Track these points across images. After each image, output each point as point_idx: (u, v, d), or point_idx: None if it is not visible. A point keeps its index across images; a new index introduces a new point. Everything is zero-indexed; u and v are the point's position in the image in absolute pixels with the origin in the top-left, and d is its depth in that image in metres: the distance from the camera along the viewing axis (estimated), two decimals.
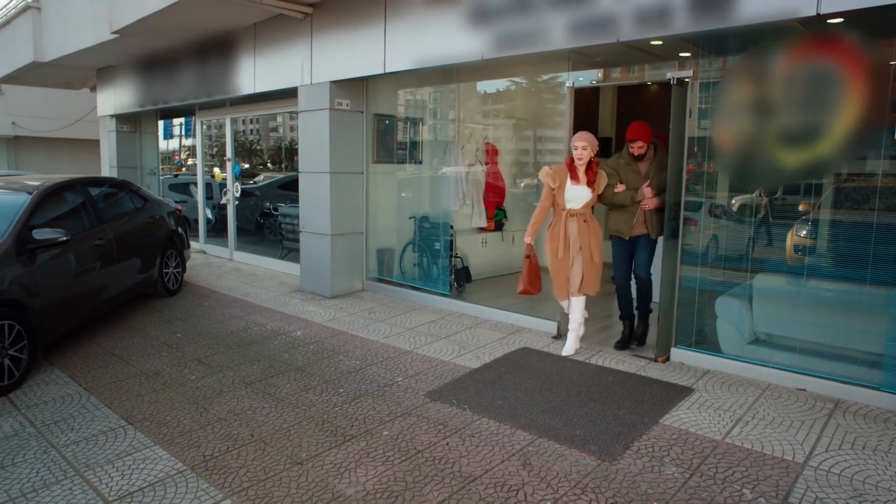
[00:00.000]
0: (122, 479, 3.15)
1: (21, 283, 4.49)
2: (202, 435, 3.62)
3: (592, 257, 4.80)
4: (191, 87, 9.09)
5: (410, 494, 2.96)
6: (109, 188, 6.49)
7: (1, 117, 18.23)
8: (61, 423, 3.81)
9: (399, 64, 5.95)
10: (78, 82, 13.94)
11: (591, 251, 4.79)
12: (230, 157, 9.23)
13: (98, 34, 8.87)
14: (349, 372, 4.58)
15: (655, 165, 4.83)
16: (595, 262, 4.82)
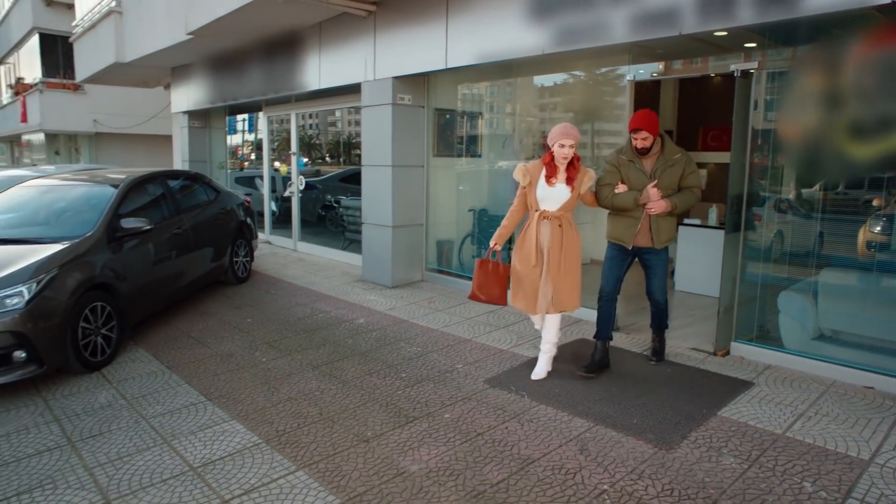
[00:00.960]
0: (204, 449, 3.41)
1: (111, 268, 4.86)
2: (274, 412, 3.86)
3: (568, 269, 4.12)
4: (259, 85, 9.47)
5: (471, 473, 3.10)
6: (185, 181, 6.87)
7: (84, 115, 19.35)
8: (148, 397, 4.13)
9: (460, 59, 6.07)
10: (153, 81, 14.67)
11: (566, 262, 4.11)
12: (295, 152, 9.58)
13: (174, 35, 9.36)
14: (410, 358, 4.75)
15: (663, 162, 4.19)
16: (571, 274, 4.15)
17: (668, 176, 4.17)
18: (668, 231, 4.28)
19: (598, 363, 4.37)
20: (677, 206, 4.16)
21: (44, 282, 4.25)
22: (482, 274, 4.34)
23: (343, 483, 3.03)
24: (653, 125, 4.08)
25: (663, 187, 4.15)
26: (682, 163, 4.19)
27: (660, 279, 4.35)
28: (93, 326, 4.62)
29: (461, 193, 7.47)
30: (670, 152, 4.20)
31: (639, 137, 4.12)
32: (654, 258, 4.30)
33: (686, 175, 4.21)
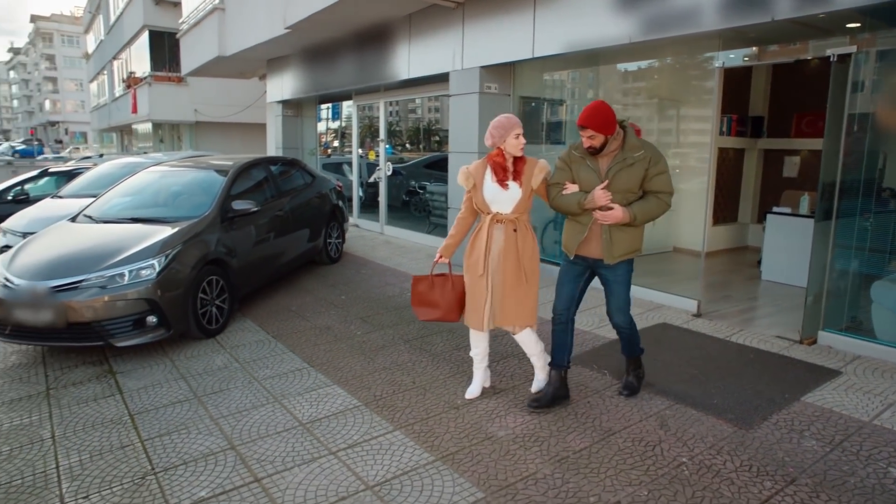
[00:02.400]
0: (310, 408, 3.80)
1: (224, 245, 5.37)
2: (371, 379, 4.21)
3: (521, 279, 3.58)
4: (350, 75, 9.92)
5: (555, 440, 3.32)
6: (284, 166, 7.37)
7: (186, 106, 20.71)
8: (258, 362, 4.59)
9: (547, 49, 6.21)
10: (250, 72, 15.55)
11: (521, 270, 3.57)
12: (383, 139, 9.99)
13: (272, 30, 9.94)
14: (496, 336, 4.99)
15: (620, 161, 3.43)
16: (524, 285, 3.59)
17: (624, 177, 3.42)
18: (626, 243, 3.51)
19: (550, 397, 3.70)
20: (636, 217, 3.43)
21: (171, 256, 4.79)
22: (419, 290, 3.80)
23: (436, 443, 3.33)
24: (601, 122, 3.36)
25: (618, 191, 3.42)
26: (643, 162, 3.41)
27: (618, 298, 3.65)
28: (209, 297, 5.14)
29: None
30: (630, 149, 3.44)
31: (584, 135, 3.44)
32: (610, 273, 3.60)
33: (651, 177, 3.44)
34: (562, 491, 2.87)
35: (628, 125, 3.54)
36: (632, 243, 3.56)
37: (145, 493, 2.97)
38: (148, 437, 3.51)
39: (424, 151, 10.00)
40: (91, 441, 3.50)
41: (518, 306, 3.62)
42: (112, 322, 4.51)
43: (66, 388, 4.27)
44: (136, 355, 4.79)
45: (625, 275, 3.63)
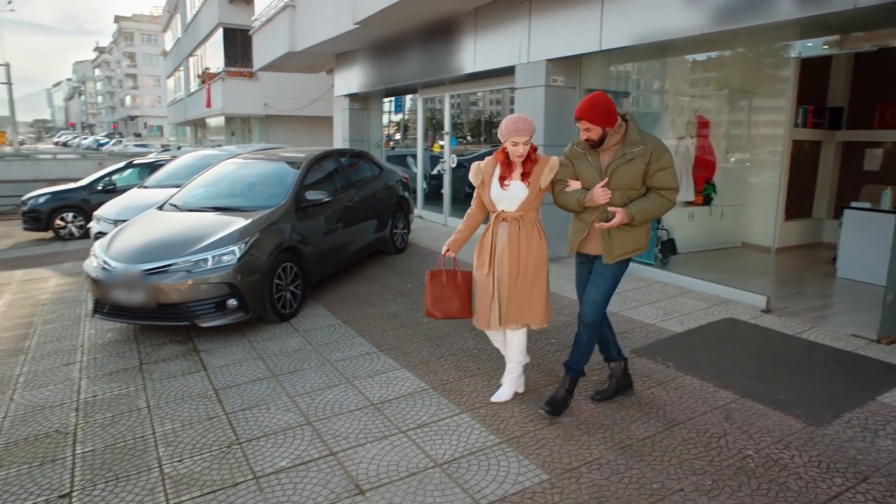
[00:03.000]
0: (381, 390, 3.99)
1: (298, 233, 5.64)
2: (438, 364, 4.36)
3: (527, 277, 3.53)
4: (416, 69, 10.10)
5: (618, 428, 3.38)
6: (353, 158, 7.62)
7: (256, 100, 21.48)
8: (330, 345, 4.82)
9: (615, 41, 6.18)
10: (318, 67, 15.99)
11: (524, 268, 3.52)
12: (447, 131, 10.13)
13: (341, 25, 10.22)
14: (559, 327, 5.06)
15: (619, 156, 3.29)
16: (528, 283, 3.54)
17: (623, 174, 3.28)
18: (626, 243, 3.37)
19: (614, 389, 3.73)
20: (635, 218, 3.28)
21: (249, 243, 5.07)
22: (435, 287, 3.72)
23: (502, 426, 3.45)
24: (597, 113, 3.21)
25: (617, 188, 3.29)
26: (643, 157, 3.26)
27: (596, 289, 3.46)
28: (283, 283, 5.41)
29: None
30: (630, 144, 3.28)
31: (581, 128, 3.31)
32: (601, 267, 3.46)
33: (652, 172, 3.29)
34: (625, 476, 2.93)
35: (630, 118, 3.37)
36: (633, 243, 3.40)
37: (231, 460, 3.21)
38: (231, 410, 3.78)
39: (485, 144, 10.08)
40: (181, 412, 3.79)
41: (529, 303, 3.56)
42: (197, 304, 4.84)
43: (157, 363, 4.61)
44: (218, 335, 5.11)
45: (615, 272, 3.45)
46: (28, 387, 4.31)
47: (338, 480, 2.99)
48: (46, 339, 5.33)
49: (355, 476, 3.01)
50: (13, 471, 3.22)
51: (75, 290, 7.12)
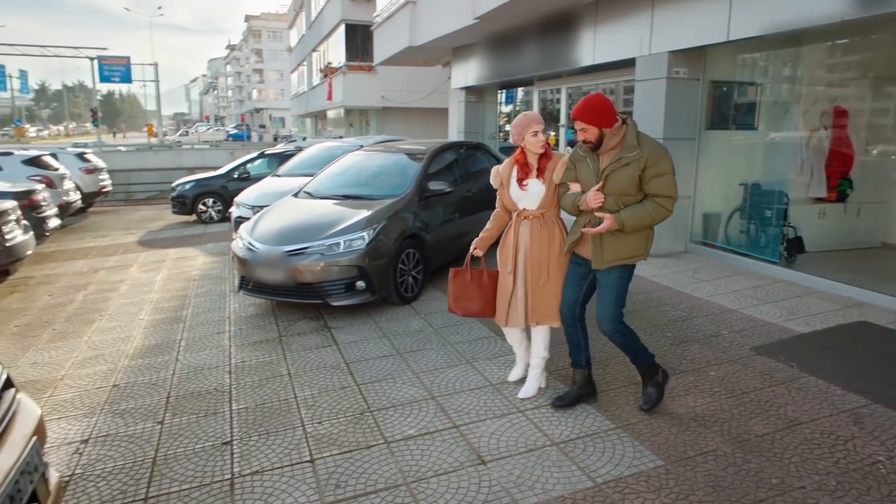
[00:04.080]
0: (499, 372, 4.20)
1: (421, 221, 5.97)
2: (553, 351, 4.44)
3: (549, 274, 3.56)
4: (533, 62, 10.19)
5: (736, 423, 3.39)
6: (470, 150, 7.86)
7: (374, 92, 22.36)
8: (450, 328, 5.10)
9: (744, 30, 5.98)
10: (434, 60, 16.42)
11: (544, 266, 3.55)
12: (563, 124, 10.15)
13: (461, 21, 10.49)
14: (675, 321, 5.05)
15: (615, 161, 3.21)
16: (552, 280, 3.57)
17: (618, 179, 3.20)
18: (618, 249, 3.28)
19: (573, 396, 3.68)
20: (625, 224, 3.19)
21: (377, 230, 5.45)
22: (458, 285, 3.83)
23: (617, 413, 3.56)
24: (592, 114, 3.16)
25: (611, 193, 3.22)
26: (638, 162, 3.17)
27: (604, 304, 3.39)
28: (406, 268, 5.76)
29: (733, 166, 7.32)
30: (627, 148, 3.19)
31: (577, 128, 3.27)
32: (602, 276, 3.38)
33: (648, 178, 3.20)
34: (742, 469, 2.96)
35: (630, 121, 3.27)
36: (626, 249, 3.30)
37: (364, 425, 3.55)
38: (362, 382, 4.14)
39: None
40: (318, 380, 4.20)
41: (546, 302, 3.60)
42: (329, 284, 5.28)
43: (294, 336, 5.10)
44: (346, 314, 5.54)
45: (617, 280, 3.36)
46: (188, 350, 4.93)
47: (461, 450, 3.24)
48: (199, 311, 6.01)
49: (477, 448, 3.25)
50: (184, 419, 3.75)
51: (219, 268, 7.91)
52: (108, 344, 5.21)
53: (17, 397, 2.20)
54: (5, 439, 1.96)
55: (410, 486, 2.95)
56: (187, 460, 3.29)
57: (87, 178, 14.65)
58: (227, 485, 3.05)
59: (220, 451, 3.36)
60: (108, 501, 2.97)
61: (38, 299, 6.91)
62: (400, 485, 2.96)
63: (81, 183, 14.12)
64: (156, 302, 6.45)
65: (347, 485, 2.98)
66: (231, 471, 3.16)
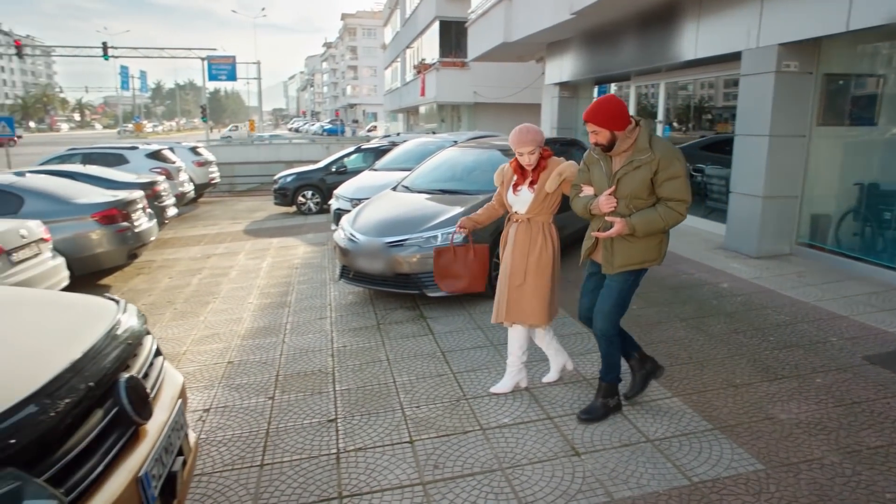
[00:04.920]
0: (592, 367, 4.23)
1: None
2: (649, 350, 4.43)
3: (522, 276, 3.63)
4: (631, 57, 9.98)
5: (845, 433, 3.26)
6: (564, 146, 7.84)
7: (466, 88, 22.56)
8: None
9: (867, 19, 5.61)
10: (528, 56, 16.37)
11: (521, 268, 3.64)
12: (661, 120, 9.90)
13: (557, 16, 10.42)
14: (778, 325, 4.87)
15: (627, 164, 3.16)
16: (529, 284, 3.62)
17: (630, 182, 3.16)
18: (626, 255, 3.24)
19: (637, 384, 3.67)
20: (636, 229, 3.14)
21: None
22: (441, 263, 4.02)
23: (714, 414, 3.51)
24: (604, 116, 3.12)
25: (623, 197, 3.18)
26: (650, 165, 3.11)
27: (604, 301, 3.35)
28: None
29: (848, 165, 6.90)
30: (639, 151, 3.15)
31: (589, 130, 3.22)
32: (608, 279, 3.36)
33: (660, 182, 3.14)
34: (851, 480, 2.86)
35: (643, 123, 3.22)
36: (638, 255, 3.24)
37: (460, 412, 3.69)
38: (458, 370, 4.29)
39: (694, 132, 9.67)
40: (415, 367, 4.39)
41: (529, 303, 3.63)
42: (426, 275, 5.46)
43: (391, 324, 5.32)
44: (441, 305, 5.72)
45: (623, 283, 3.31)
46: (294, 333, 5.26)
47: (555, 441, 3.31)
48: (302, 297, 6.37)
49: (571, 439, 3.31)
50: (292, 396, 4.04)
51: (319, 257, 8.32)
52: (222, 324, 5.65)
53: (164, 365, 2.49)
54: (158, 399, 2.23)
55: (505, 471, 3.06)
56: (296, 434, 3.55)
57: (198, 171, 15.72)
58: (333, 458, 3.27)
59: (325, 428, 3.60)
60: (228, 465, 3.27)
61: (160, 281, 7.55)
62: (495, 470, 3.08)
63: (194, 175, 15.18)
64: (262, 287, 6.89)
65: (445, 466, 3.13)
66: (336, 446, 3.39)
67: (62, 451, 1.69)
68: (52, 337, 2.15)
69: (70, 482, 1.66)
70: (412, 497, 2.90)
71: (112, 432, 1.90)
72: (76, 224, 7.00)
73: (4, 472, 1.52)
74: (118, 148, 14.19)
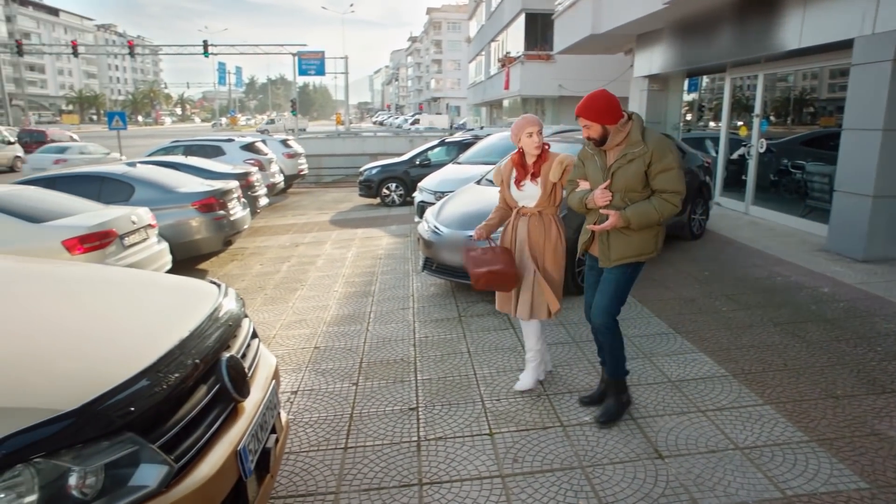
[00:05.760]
0: (678, 369, 4.10)
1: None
2: (738, 354, 4.29)
3: (542, 270, 3.65)
4: (727, 47, 9.52)
5: None
6: None
7: (551, 81, 22.24)
8: (626, 321, 5.01)
9: None
10: (616, 48, 15.94)
11: (539, 260, 3.66)
12: (758, 114, 9.40)
13: (647, 6, 10.08)
14: (887, 334, 4.53)
15: (620, 157, 3.16)
16: (547, 276, 3.66)
17: (624, 175, 3.16)
18: (622, 248, 3.26)
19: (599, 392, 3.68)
20: (631, 222, 3.15)
21: None
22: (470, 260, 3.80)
23: (811, 426, 3.32)
24: (595, 110, 3.13)
25: (618, 190, 3.18)
26: (643, 158, 3.11)
27: (602, 296, 3.37)
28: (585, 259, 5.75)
29: None
30: (631, 144, 3.14)
31: (581, 125, 3.23)
32: (605, 272, 3.38)
33: (654, 174, 3.13)
34: None
35: (635, 116, 3.21)
36: (634, 248, 3.26)
37: (540, 407, 3.68)
38: None
39: (793, 126, 9.11)
40: (495, 360, 4.40)
41: (542, 297, 3.66)
42: None
43: (472, 317, 5.36)
44: None
45: (620, 276, 3.33)
46: (377, 322, 5.39)
47: (637, 442, 3.24)
48: (385, 287, 6.52)
49: (654, 441, 3.23)
50: (375, 383, 4.15)
51: (402, 248, 8.48)
52: (309, 311, 5.87)
53: (260, 347, 2.63)
54: (255, 379, 2.36)
55: (586, 469, 3.03)
56: (379, 420, 3.65)
57: (288, 162, 16.35)
58: (413, 446, 3.34)
59: (406, 416, 3.68)
60: (314, 446, 3.41)
61: (252, 268, 7.93)
62: (575, 467, 3.05)
63: (284, 166, 15.80)
64: (347, 276, 7.10)
65: (524, 460, 3.13)
66: (417, 434, 3.46)
67: (172, 421, 1.82)
68: (163, 316, 2.32)
69: (178, 450, 1.79)
70: (491, 488, 2.92)
71: (214, 407, 2.03)
72: (178, 212, 7.46)
73: (124, 436, 1.66)
74: (216, 140, 14.98)
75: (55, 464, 1.55)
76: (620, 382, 3.54)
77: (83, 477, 1.58)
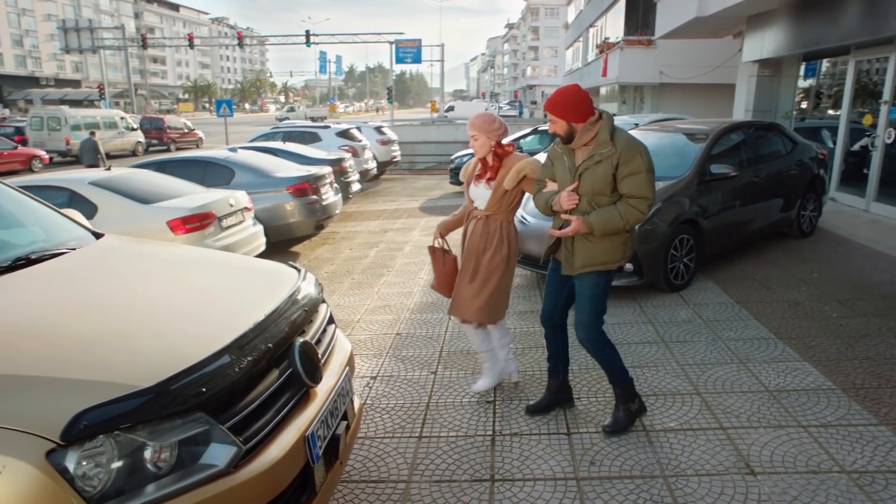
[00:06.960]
0: (777, 378, 3.79)
1: (698, 206, 5.59)
2: (849, 366, 3.91)
3: (471, 274, 3.51)
4: (851, 26, 8.68)
5: None
6: (761, 131, 7.07)
7: (651, 68, 21.27)
8: (721, 323, 4.73)
9: None
10: (723, 31, 14.99)
11: (472, 266, 3.51)
12: (886, 100, 8.53)
13: None
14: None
15: (588, 158, 2.97)
16: (479, 281, 3.49)
17: (591, 177, 2.98)
18: (587, 255, 3.08)
19: (545, 402, 3.56)
20: (594, 227, 2.96)
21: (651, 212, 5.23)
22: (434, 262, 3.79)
23: None
24: (561, 106, 2.97)
25: (585, 193, 3.00)
26: (610, 160, 2.92)
27: (580, 312, 3.18)
28: (678, 254, 5.46)
29: None
30: (599, 144, 2.96)
31: (549, 120, 3.06)
32: (577, 283, 3.18)
33: (621, 178, 2.94)
34: None
35: (605, 115, 3.01)
36: (599, 255, 3.08)
37: None
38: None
39: None
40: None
41: (471, 300, 3.53)
42: None
43: None
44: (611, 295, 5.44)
45: (591, 288, 3.14)
46: None
47: (726, 454, 3.01)
48: None
49: (746, 456, 2.99)
50: (453, 373, 4.12)
51: None
52: (393, 297, 5.92)
53: (336, 333, 2.64)
54: (328, 365, 2.37)
55: (668, 479, 2.85)
56: (455, 411, 3.61)
57: (381, 149, 16.64)
58: (488, 440, 3.28)
59: (483, 409, 3.62)
60: (389, 432, 3.42)
61: (341, 252, 8.12)
62: (657, 476, 2.88)
63: (377, 153, 16.09)
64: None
65: (602, 464, 3.00)
66: (493, 428, 3.40)
67: (242, 403, 1.85)
68: (242, 298, 2.37)
69: (247, 433, 1.81)
70: (565, 490, 2.82)
71: (285, 392, 2.05)
72: (274, 196, 7.74)
73: (196, 416, 1.70)
74: (313, 127, 15.47)
75: (132, 437, 1.61)
76: (627, 391, 3.33)
77: (158, 451, 1.63)
